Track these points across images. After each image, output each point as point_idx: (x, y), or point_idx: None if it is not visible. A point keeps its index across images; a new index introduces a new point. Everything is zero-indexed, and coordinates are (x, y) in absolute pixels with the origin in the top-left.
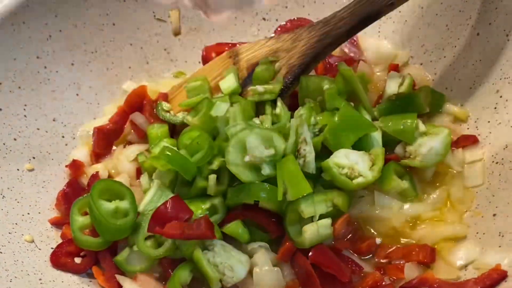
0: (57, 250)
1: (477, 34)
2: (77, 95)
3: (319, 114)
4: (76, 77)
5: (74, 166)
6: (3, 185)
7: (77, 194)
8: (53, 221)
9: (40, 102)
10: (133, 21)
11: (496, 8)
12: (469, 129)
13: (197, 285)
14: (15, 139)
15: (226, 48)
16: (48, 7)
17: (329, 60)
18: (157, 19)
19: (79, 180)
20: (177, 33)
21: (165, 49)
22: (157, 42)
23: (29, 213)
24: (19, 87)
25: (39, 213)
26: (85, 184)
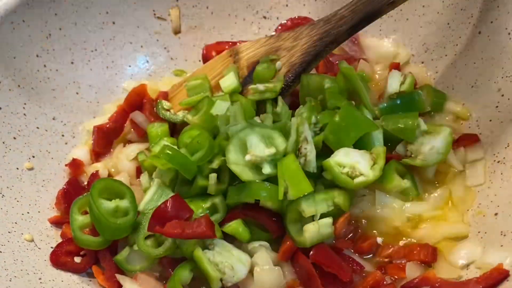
0: (57, 249)
1: (479, 33)
2: (77, 93)
3: (320, 113)
4: (76, 76)
5: (74, 165)
6: (3, 184)
7: (77, 193)
8: (52, 220)
9: (40, 100)
10: (133, 20)
11: (498, 7)
12: (470, 128)
13: (197, 284)
14: (14, 137)
15: (227, 47)
16: (48, 5)
17: (330, 59)
18: (157, 17)
19: (79, 179)
20: (177, 31)
21: (165, 48)
22: (157, 40)
23: (28, 212)
24: (18, 86)
25: (39, 212)
26: (85, 183)
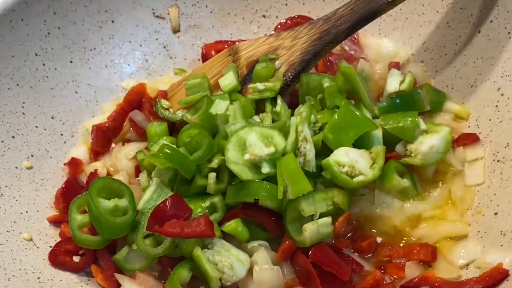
0: (55, 249)
1: (479, 32)
2: (76, 92)
3: (319, 112)
4: (75, 75)
5: (73, 164)
6: (1, 183)
7: (76, 192)
8: (51, 219)
9: (38, 99)
10: (132, 18)
11: (498, 6)
12: (470, 127)
13: (196, 283)
14: (13, 136)
15: (226, 46)
16: (47, 4)
17: (330, 58)
18: (156, 16)
19: (77, 178)
20: (176, 30)
21: (164, 47)
22: (156, 39)
23: (27, 211)
24: (17, 85)
25: (38, 211)
26: (83, 182)
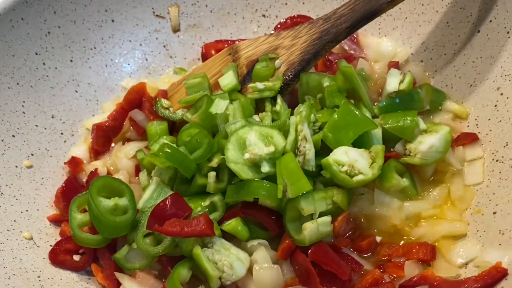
0: (55, 248)
1: (478, 32)
2: (76, 91)
3: (319, 112)
4: (75, 74)
5: (73, 163)
6: (2, 182)
7: (76, 191)
8: (51, 218)
9: (38, 98)
10: (132, 18)
11: (497, 6)
12: (469, 126)
13: (196, 282)
14: (13, 135)
15: (226, 45)
16: (47, 3)
17: (329, 57)
18: (156, 15)
19: (78, 177)
20: (176, 29)
21: (164, 46)
22: (156, 38)
23: (27, 210)
24: (17, 84)
25: (38, 210)
26: (84, 181)
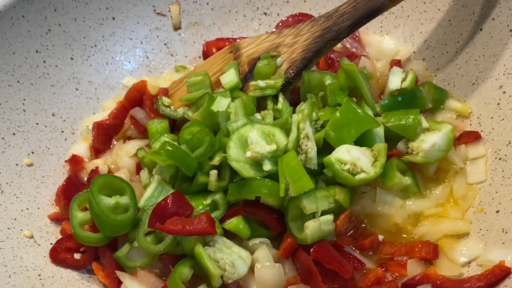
0: (56, 246)
1: (480, 30)
2: (77, 89)
3: (321, 110)
4: (76, 72)
5: (74, 161)
6: (2, 180)
7: (77, 190)
8: (52, 217)
9: (39, 96)
10: (133, 16)
11: (500, 3)
12: (471, 125)
13: (197, 281)
14: (14, 133)
15: (227, 43)
16: (48, 1)
17: (331, 55)
18: (157, 13)
19: (78, 176)
20: (177, 27)
21: (165, 44)
22: (157, 36)
23: (28, 209)
24: (18, 81)
25: (38, 208)
26: (84, 180)
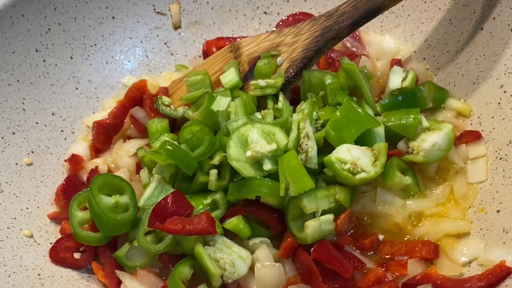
0: (56, 245)
1: (481, 29)
2: (76, 89)
3: (321, 109)
4: (75, 71)
5: (74, 160)
6: (1, 179)
7: (76, 189)
8: (52, 216)
9: (39, 95)
10: (133, 15)
11: (500, 3)
12: (472, 124)
13: (197, 281)
14: (13, 133)
15: (227, 42)
16: (47, 0)
17: (331, 55)
18: (157, 12)
19: (78, 175)
20: (177, 26)
21: (165, 43)
22: (157, 36)
23: (27, 208)
24: (17, 81)
25: (38, 207)
26: (84, 179)
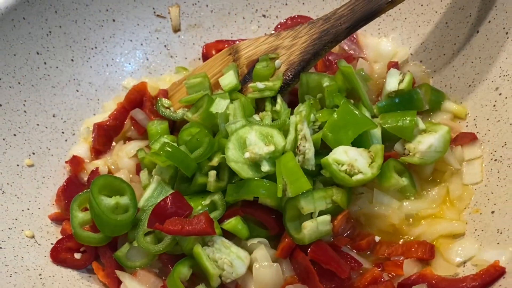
0: (57, 246)
1: (477, 32)
2: (77, 91)
3: (318, 111)
4: (76, 73)
5: (74, 162)
6: (3, 181)
7: (77, 190)
8: (53, 217)
9: (40, 97)
10: (133, 17)
11: (496, 6)
12: (468, 126)
13: (196, 281)
14: (14, 134)
15: (226, 45)
16: (48, 3)
17: (329, 57)
18: (157, 15)
19: (79, 176)
20: (177, 29)
21: (165, 46)
22: (157, 38)
23: (29, 209)
24: (19, 83)
25: (39, 208)
26: (85, 180)
